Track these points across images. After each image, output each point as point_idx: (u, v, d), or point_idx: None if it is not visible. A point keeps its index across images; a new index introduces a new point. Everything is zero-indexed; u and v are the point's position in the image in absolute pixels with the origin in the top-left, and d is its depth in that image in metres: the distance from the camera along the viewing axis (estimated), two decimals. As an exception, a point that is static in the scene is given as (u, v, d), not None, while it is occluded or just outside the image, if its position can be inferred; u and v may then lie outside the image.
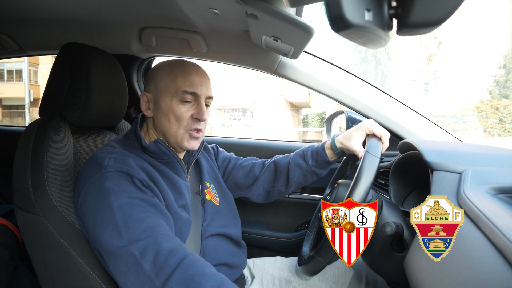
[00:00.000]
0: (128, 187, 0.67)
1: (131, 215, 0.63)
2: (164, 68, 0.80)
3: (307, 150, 0.96)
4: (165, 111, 0.77)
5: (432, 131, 1.08)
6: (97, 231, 0.63)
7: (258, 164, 1.03)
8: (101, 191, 0.65)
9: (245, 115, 16.47)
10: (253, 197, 1.03)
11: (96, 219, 0.64)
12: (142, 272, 0.58)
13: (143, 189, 0.69)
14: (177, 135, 0.78)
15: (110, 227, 0.62)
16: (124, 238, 0.60)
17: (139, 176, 0.69)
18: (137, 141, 0.79)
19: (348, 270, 0.93)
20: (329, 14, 0.29)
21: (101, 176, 0.67)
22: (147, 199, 0.67)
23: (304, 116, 17.82)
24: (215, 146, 1.08)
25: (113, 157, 0.70)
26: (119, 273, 0.60)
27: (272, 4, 0.66)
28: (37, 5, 0.91)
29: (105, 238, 0.61)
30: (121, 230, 0.61)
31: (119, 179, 0.67)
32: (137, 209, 0.64)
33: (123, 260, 0.60)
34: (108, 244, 0.61)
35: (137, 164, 0.72)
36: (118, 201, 0.63)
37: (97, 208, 0.64)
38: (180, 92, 0.76)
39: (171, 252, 0.60)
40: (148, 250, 0.59)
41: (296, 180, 0.96)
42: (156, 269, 0.58)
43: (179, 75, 0.77)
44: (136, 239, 0.60)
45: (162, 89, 0.78)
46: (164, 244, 0.61)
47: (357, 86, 1.12)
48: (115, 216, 0.62)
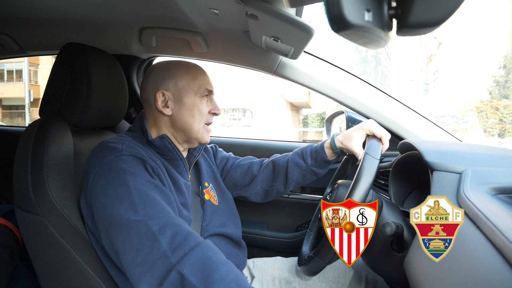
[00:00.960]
0: (142, 171, 0.68)
1: (148, 195, 0.63)
2: (180, 67, 0.82)
3: (306, 149, 0.96)
4: (189, 107, 0.80)
5: (432, 131, 1.08)
6: (111, 206, 0.61)
7: (256, 163, 1.03)
8: (116, 171, 0.65)
9: (245, 115, 16.47)
10: (251, 196, 1.03)
11: (110, 196, 0.62)
12: (157, 248, 0.56)
13: (154, 176, 0.70)
14: (199, 130, 0.82)
15: (125, 203, 0.61)
16: (140, 213, 0.59)
17: (151, 163, 0.71)
18: (142, 135, 0.81)
19: (348, 270, 0.93)
20: (329, 15, 0.29)
21: (116, 157, 0.67)
22: (159, 187, 0.68)
23: (304, 116, 17.82)
24: (214, 145, 1.08)
25: (125, 143, 0.72)
26: (129, 249, 0.58)
27: (272, 4, 0.66)
28: (37, 5, 0.91)
29: (120, 212, 0.60)
30: (137, 207, 0.60)
31: (134, 162, 0.68)
32: (152, 192, 0.64)
33: (138, 234, 0.58)
34: (123, 218, 0.59)
35: (147, 154, 0.74)
36: (134, 181, 0.64)
37: (112, 186, 0.63)
38: (202, 89, 0.81)
39: (190, 233, 0.60)
40: (167, 228, 0.59)
41: (295, 179, 0.96)
42: (173, 246, 0.57)
43: (197, 74, 0.83)
44: (153, 216, 0.60)
45: (184, 87, 0.81)
46: (183, 225, 0.61)
47: (357, 86, 1.12)
48: (131, 194, 0.61)
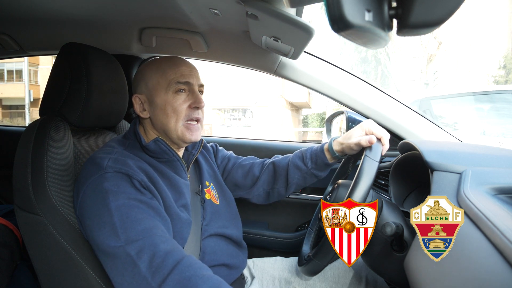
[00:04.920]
0: (126, 188, 0.66)
1: (129, 216, 0.62)
2: (151, 67, 0.80)
3: (306, 152, 0.95)
4: (161, 106, 0.77)
5: (432, 131, 1.08)
6: (95, 232, 0.63)
7: (257, 164, 1.03)
8: (99, 192, 0.65)
9: (245, 115, 16.47)
10: (253, 198, 1.03)
11: (94, 219, 0.64)
12: (138, 273, 0.58)
13: (142, 190, 0.68)
14: (177, 128, 0.78)
15: (107, 227, 0.62)
16: (121, 238, 0.60)
17: (138, 177, 0.69)
18: (136, 140, 0.79)
19: (348, 270, 0.93)
20: (329, 15, 0.29)
21: (100, 176, 0.66)
22: (146, 201, 0.67)
23: (304, 116, 17.82)
24: (214, 144, 1.08)
25: (112, 158, 0.70)
26: (116, 274, 0.61)
27: (272, 4, 0.66)
28: (37, 5, 0.91)
29: (102, 238, 0.61)
30: (118, 231, 0.61)
31: (118, 179, 0.67)
32: (135, 210, 0.64)
33: (120, 260, 0.60)
34: (105, 245, 0.61)
35: (136, 165, 0.71)
36: (116, 201, 0.63)
37: (95, 209, 0.64)
38: (173, 84, 0.77)
39: (168, 253, 0.60)
40: (144, 251, 0.59)
41: (295, 182, 0.96)
42: (152, 269, 0.58)
43: (168, 68, 0.78)
44: (133, 239, 0.60)
45: (154, 87, 0.78)
46: (161, 245, 0.61)
47: (357, 86, 1.12)
48: (113, 217, 0.62)
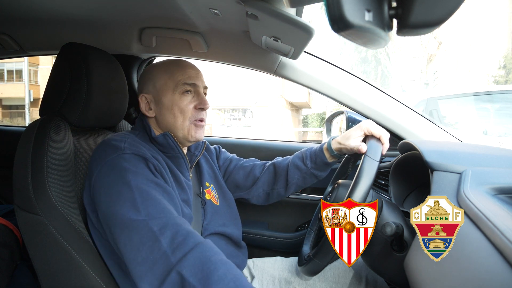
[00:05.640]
0: (144, 170, 0.68)
1: (149, 194, 0.63)
2: (159, 68, 0.82)
3: (306, 152, 0.96)
4: (168, 106, 0.80)
5: (432, 131, 1.08)
6: (113, 206, 0.62)
7: (258, 166, 1.03)
8: (118, 170, 0.66)
9: (245, 115, 16.47)
10: (252, 198, 1.04)
11: (112, 195, 0.63)
12: (157, 248, 0.57)
13: (156, 174, 0.70)
14: (183, 127, 0.80)
15: (127, 202, 0.61)
16: (142, 213, 0.60)
17: (153, 162, 0.71)
18: (145, 132, 0.81)
19: (348, 270, 0.93)
20: (329, 15, 0.29)
21: (118, 156, 0.68)
22: (162, 185, 0.69)
23: (304, 116, 17.83)
24: (218, 146, 1.09)
25: (128, 141, 0.72)
26: (130, 248, 0.59)
27: (272, 4, 0.66)
28: (37, 5, 0.91)
29: (122, 211, 0.61)
30: (139, 206, 0.61)
31: (136, 161, 0.68)
32: (153, 191, 0.65)
33: (139, 233, 0.59)
34: (125, 217, 0.60)
35: (149, 152, 0.74)
36: (135, 180, 0.64)
37: (114, 185, 0.64)
38: (180, 85, 0.79)
39: (190, 233, 0.60)
40: (167, 228, 0.59)
41: (295, 182, 0.96)
42: (173, 246, 0.58)
43: (176, 70, 0.81)
44: (154, 216, 0.60)
45: (162, 87, 0.80)
46: (183, 225, 0.61)
47: (357, 86, 1.12)
48: (133, 193, 0.62)
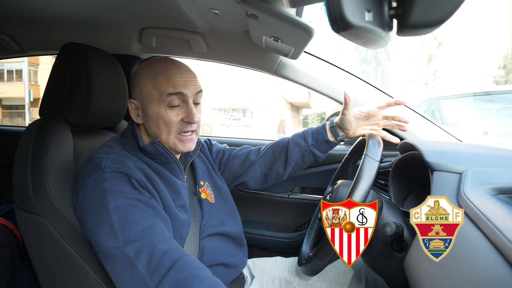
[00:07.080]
0: (125, 187, 0.67)
1: (127, 216, 0.63)
2: (144, 74, 0.77)
3: (307, 130, 0.97)
4: (154, 118, 0.76)
5: (432, 131, 1.08)
6: (94, 233, 0.63)
7: (253, 151, 1.02)
8: (98, 192, 0.65)
9: (245, 115, 16.48)
10: (250, 181, 1.01)
11: (94, 220, 0.64)
12: (136, 274, 0.58)
13: (140, 189, 0.69)
14: (168, 141, 0.77)
15: (106, 228, 0.62)
16: (119, 239, 0.60)
17: (136, 177, 0.69)
18: (134, 140, 0.79)
19: (348, 270, 0.93)
20: (330, 15, 0.29)
21: (98, 176, 0.67)
22: (144, 200, 0.67)
23: (304, 116, 17.85)
24: (207, 140, 1.06)
25: (110, 158, 0.70)
26: (116, 274, 0.61)
27: (272, 4, 0.66)
28: (37, 5, 0.91)
29: (101, 239, 0.62)
30: (116, 231, 0.61)
31: (116, 179, 0.67)
32: (133, 210, 0.64)
33: (119, 261, 0.60)
34: (104, 246, 0.61)
35: (135, 165, 0.71)
36: (115, 201, 0.63)
37: (94, 209, 0.64)
38: (165, 95, 0.73)
39: (166, 253, 0.60)
40: (142, 252, 0.59)
41: (294, 159, 0.95)
42: (150, 270, 0.58)
43: (161, 78, 0.74)
44: (131, 240, 0.60)
45: (147, 96, 0.76)
46: (159, 245, 0.61)
47: (357, 86, 1.12)
48: (111, 217, 0.62)
